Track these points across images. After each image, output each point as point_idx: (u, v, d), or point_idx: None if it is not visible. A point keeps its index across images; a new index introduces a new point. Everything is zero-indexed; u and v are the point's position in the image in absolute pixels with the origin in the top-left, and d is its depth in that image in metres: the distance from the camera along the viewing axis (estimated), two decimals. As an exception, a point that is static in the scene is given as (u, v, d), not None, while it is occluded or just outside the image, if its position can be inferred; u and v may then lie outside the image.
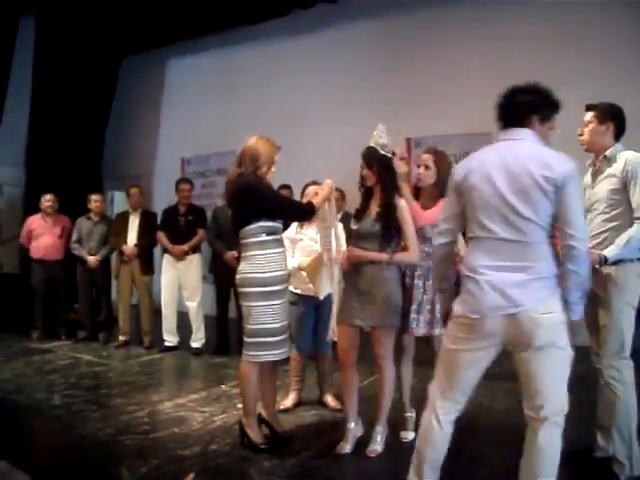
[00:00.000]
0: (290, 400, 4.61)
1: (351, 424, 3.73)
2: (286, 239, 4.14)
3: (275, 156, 3.74)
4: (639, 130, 5.97)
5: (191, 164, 10.03)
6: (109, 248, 7.30)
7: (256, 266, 3.62)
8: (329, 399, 4.59)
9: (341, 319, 3.70)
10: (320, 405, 4.64)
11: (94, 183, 9.17)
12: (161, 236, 6.79)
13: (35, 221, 7.50)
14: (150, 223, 7.04)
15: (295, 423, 4.25)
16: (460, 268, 4.94)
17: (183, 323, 6.90)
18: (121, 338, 7.08)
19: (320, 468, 3.46)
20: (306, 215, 3.85)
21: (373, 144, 3.64)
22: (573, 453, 3.44)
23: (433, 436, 2.72)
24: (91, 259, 7.17)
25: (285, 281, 3.75)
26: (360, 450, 3.65)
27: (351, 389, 3.74)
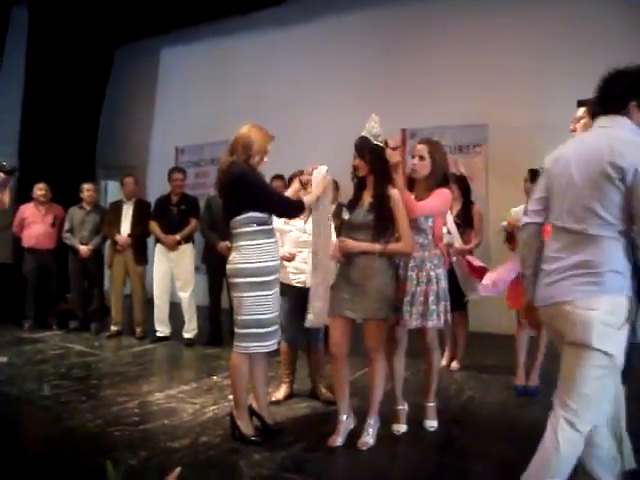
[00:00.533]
0: (282, 392, 4.58)
1: (343, 417, 3.70)
2: (275, 230, 4.08)
3: (268, 145, 3.69)
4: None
5: (185, 153, 9.98)
6: (101, 237, 7.25)
7: (247, 256, 3.58)
8: (322, 390, 4.55)
9: (333, 311, 3.66)
10: (312, 397, 4.61)
11: (88, 172, 9.11)
12: (153, 226, 6.74)
13: (27, 209, 7.44)
14: (144, 213, 6.98)
15: (286, 415, 4.22)
16: (454, 259, 4.93)
17: (175, 313, 6.87)
18: (113, 328, 7.04)
19: (311, 461, 3.42)
20: (294, 213, 3.80)
21: (366, 134, 3.61)
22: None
23: None
24: (83, 249, 7.11)
25: (276, 272, 3.70)
26: (352, 443, 3.61)
27: (343, 381, 3.70)
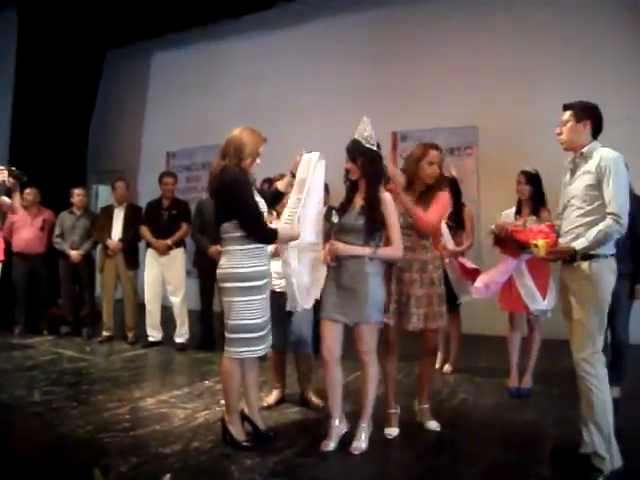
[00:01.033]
0: (273, 397, 4.55)
1: (335, 421, 3.67)
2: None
3: (260, 148, 3.65)
4: (617, 128, 6.03)
5: (176, 158, 9.95)
6: (92, 242, 7.22)
7: (236, 261, 3.55)
8: (311, 397, 4.52)
9: (324, 314, 3.64)
10: (303, 403, 4.59)
11: (78, 177, 9.07)
12: (144, 230, 6.72)
13: (16, 214, 7.38)
14: (135, 217, 6.95)
15: (278, 420, 4.19)
16: (447, 261, 4.93)
17: (167, 318, 6.83)
18: (104, 333, 7.00)
19: (303, 466, 3.40)
20: (264, 239, 3.62)
21: (358, 137, 3.59)
22: (558, 451, 3.44)
23: None
24: (74, 253, 7.07)
25: (266, 276, 3.67)
26: (344, 447, 3.59)
27: (335, 386, 3.67)
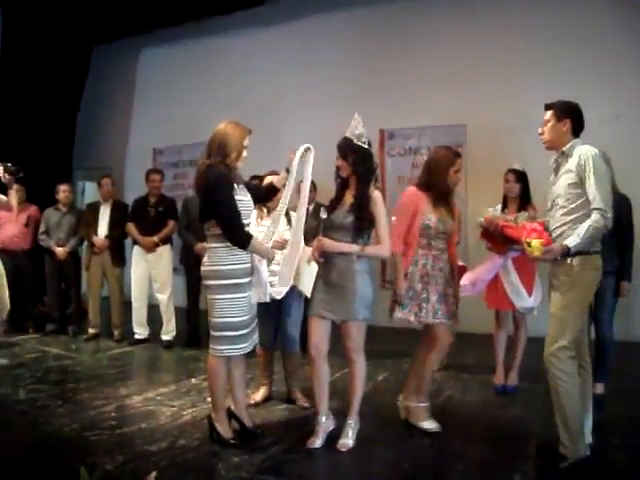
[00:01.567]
0: (260, 395, 4.54)
1: (322, 418, 3.68)
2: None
3: (245, 140, 3.61)
4: (607, 127, 6.06)
5: (163, 155, 9.91)
6: (78, 239, 7.18)
7: (219, 258, 3.54)
8: (297, 396, 4.52)
9: (311, 311, 3.65)
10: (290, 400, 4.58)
11: (65, 173, 8.99)
12: (131, 227, 6.70)
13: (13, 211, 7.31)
14: (121, 214, 6.93)
15: (265, 418, 4.19)
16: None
17: (153, 315, 6.81)
18: (91, 331, 6.98)
19: (290, 463, 3.40)
20: (237, 242, 3.55)
21: (349, 134, 3.59)
22: (543, 447, 3.46)
23: None
24: (59, 250, 7.04)
25: (249, 274, 3.63)
26: (331, 444, 3.59)
27: (322, 382, 3.67)
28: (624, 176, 4.56)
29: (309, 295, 3.86)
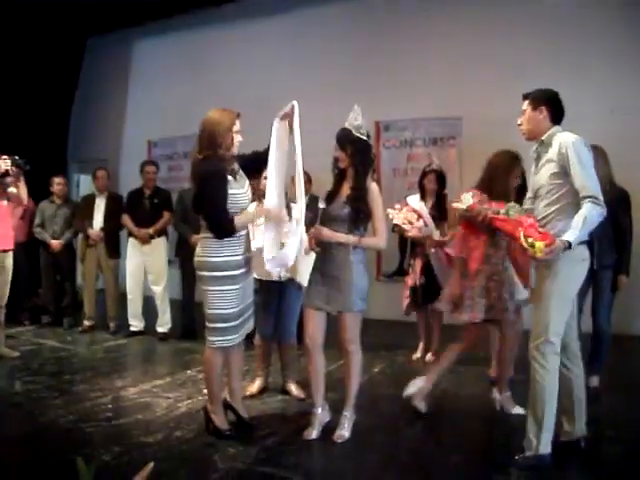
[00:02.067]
0: (256, 386, 4.55)
1: (318, 410, 3.69)
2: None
3: (234, 124, 3.55)
4: (602, 122, 6.05)
5: (158, 147, 9.88)
6: (73, 232, 7.16)
7: (210, 250, 3.52)
8: (292, 388, 4.53)
9: (307, 303, 3.66)
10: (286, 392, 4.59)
11: (59, 166, 8.94)
12: (126, 219, 6.69)
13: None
14: (116, 206, 6.92)
15: (261, 409, 4.20)
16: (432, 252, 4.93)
17: (149, 308, 6.81)
18: (86, 323, 6.97)
19: (286, 454, 3.41)
20: (218, 232, 3.51)
21: (348, 125, 3.58)
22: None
23: None
24: (54, 243, 7.02)
25: (242, 266, 3.59)
26: (327, 436, 3.61)
27: (318, 374, 3.69)
28: (620, 170, 4.57)
29: (305, 284, 3.87)
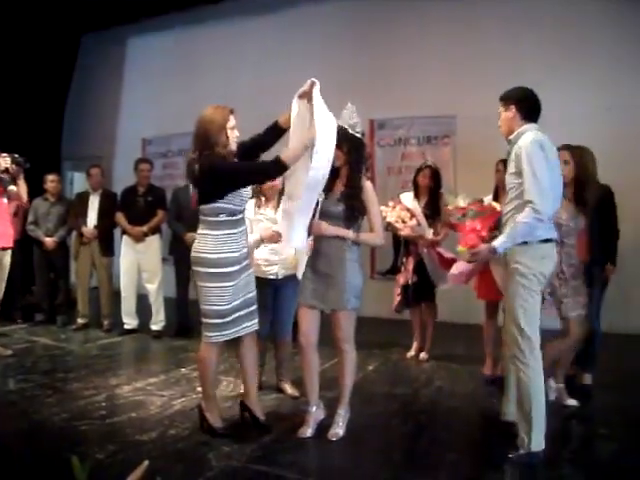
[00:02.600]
0: (249, 385, 4.54)
1: (312, 408, 3.69)
2: (246, 219, 3.98)
3: (228, 121, 3.54)
4: (598, 119, 6.06)
5: (152, 144, 9.86)
6: (67, 229, 7.14)
7: (207, 246, 3.51)
8: (286, 386, 4.52)
9: (301, 301, 3.66)
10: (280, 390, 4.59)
11: (52, 163, 8.93)
12: (120, 217, 6.67)
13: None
14: (110, 204, 6.90)
15: (256, 407, 4.19)
16: (425, 251, 4.94)
17: (143, 305, 6.80)
18: (80, 321, 6.95)
19: (281, 452, 3.41)
20: (272, 173, 3.58)
21: (343, 123, 3.58)
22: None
23: None
24: (48, 241, 6.99)
25: (239, 262, 3.57)
26: (321, 434, 3.61)
27: (312, 372, 3.69)
28: (615, 166, 4.60)
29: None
